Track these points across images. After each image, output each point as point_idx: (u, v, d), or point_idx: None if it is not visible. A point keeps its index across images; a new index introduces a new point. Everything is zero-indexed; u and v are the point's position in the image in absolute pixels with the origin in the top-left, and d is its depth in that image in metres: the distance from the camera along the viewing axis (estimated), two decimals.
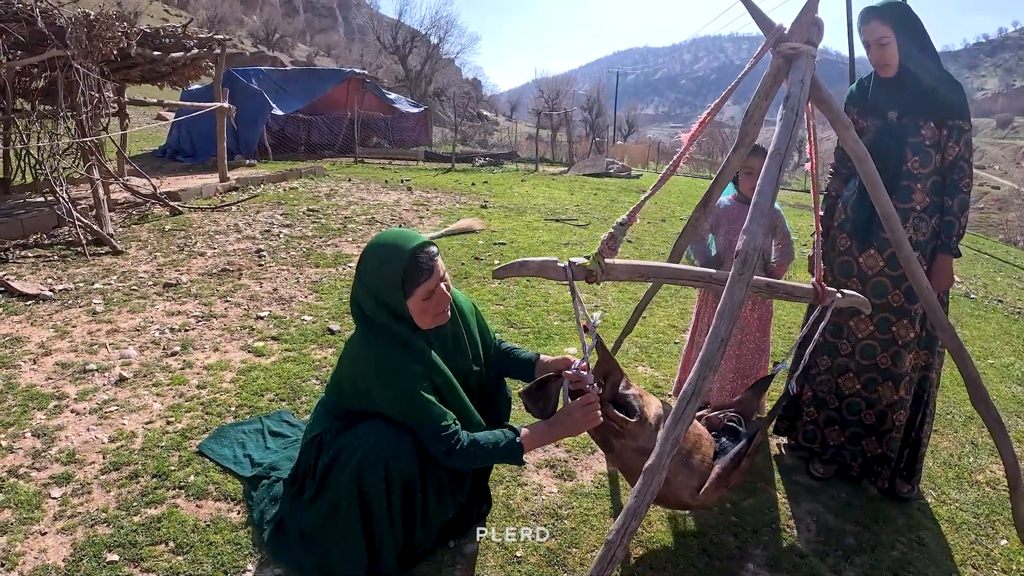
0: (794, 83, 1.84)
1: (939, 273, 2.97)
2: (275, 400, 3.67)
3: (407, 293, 2.17)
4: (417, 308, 2.20)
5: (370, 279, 2.21)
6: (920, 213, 2.97)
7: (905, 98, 2.97)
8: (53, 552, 2.44)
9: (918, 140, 2.96)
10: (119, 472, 2.93)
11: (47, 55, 7.05)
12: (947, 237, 2.95)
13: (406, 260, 2.16)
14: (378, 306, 2.21)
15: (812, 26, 1.97)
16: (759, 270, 3.42)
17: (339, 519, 2.27)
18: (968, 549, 2.87)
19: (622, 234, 2.04)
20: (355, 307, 2.27)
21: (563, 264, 2.01)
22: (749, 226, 1.67)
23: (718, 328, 1.58)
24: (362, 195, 11.22)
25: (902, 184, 2.97)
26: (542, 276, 2.04)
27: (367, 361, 2.23)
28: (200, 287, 5.53)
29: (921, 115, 2.95)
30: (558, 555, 2.60)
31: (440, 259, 2.25)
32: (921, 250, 2.97)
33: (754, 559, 2.67)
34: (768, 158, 1.74)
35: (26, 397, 3.54)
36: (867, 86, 3.15)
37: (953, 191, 2.95)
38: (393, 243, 2.20)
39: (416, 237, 2.22)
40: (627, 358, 4.59)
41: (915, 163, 2.96)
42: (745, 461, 2.36)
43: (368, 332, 2.25)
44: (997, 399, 4.56)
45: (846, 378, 3.18)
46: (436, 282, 2.20)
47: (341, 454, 2.24)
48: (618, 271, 2.07)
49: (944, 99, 2.93)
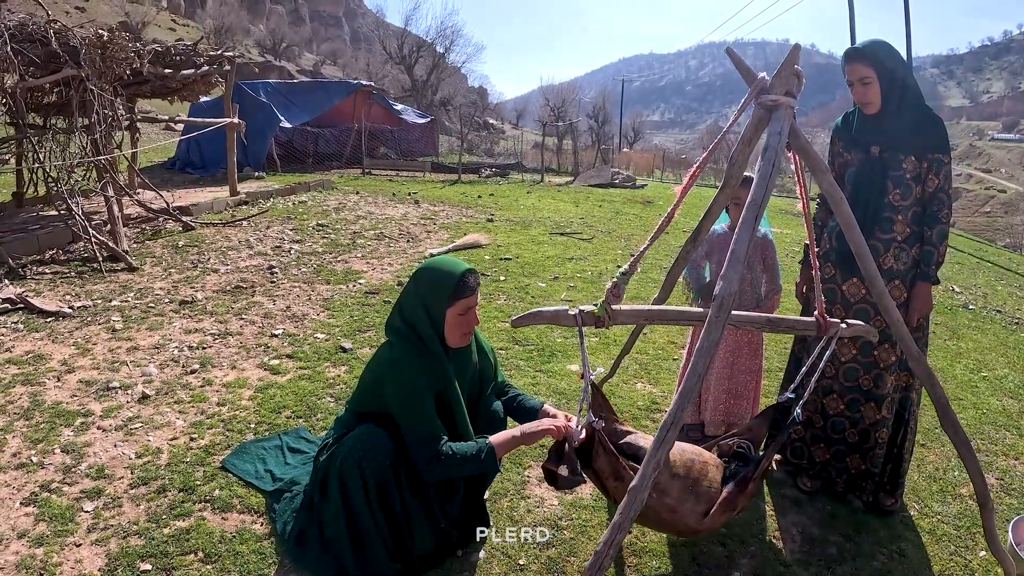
0: (772, 135, 2.02)
1: (918, 299, 3.14)
2: (292, 417, 3.85)
3: (451, 303, 2.51)
4: (453, 320, 2.53)
5: (424, 285, 2.56)
6: (901, 243, 3.12)
7: (887, 134, 3.12)
8: (88, 562, 2.62)
9: (899, 174, 3.10)
10: (147, 487, 3.11)
11: (62, 74, 7.24)
12: (926, 266, 3.10)
13: (459, 275, 2.54)
14: (422, 309, 2.55)
15: (792, 78, 2.14)
16: (752, 302, 3.64)
17: (336, 521, 2.56)
18: (947, 560, 3.03)
19: (624, 283, 2.31)
20: (396, 314, 2.62)
21: (574, 312, 2.26)
22: (727, 272, 1.85)
23: (696, 365, 1.77)
24: (370, 208, 11.42)
25: (884, 215, 3.12)
26: (555, 324, 2.28)
27: (390, 357, 2.56)
28: (215, 304, 5.72)
29: (902, 150, 3.10)
30: (558, 563, 2.79)
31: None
32: (901, 278, 3.13)
33: (741, 568, 2.85)
34: (745, 209, 1.92)
35: (53, 414, 3.72)
36: (852, 120, 3.30)
37: (933, 222, 3.10)
38: (451, 262, 2.60)
39: (463, 264, 2.60)
40: (627, 375, 4.76)
41: (896, 196, 3.11)
42: (752, 485, 2.48)
43: (400, 339, 2.58)
44: (987, 412, 4.71)
45: (830, 399, 3.33)
46: (475, 301, 2.58)
47: (334, 459, 2.54)
48: (623, 316, 2.32)
49: (925, 135, 3.08)
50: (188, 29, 62.18)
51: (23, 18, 7.30)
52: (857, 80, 3.09)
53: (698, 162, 2.33)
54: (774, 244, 3.73)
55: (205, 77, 10.45)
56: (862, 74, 3.07)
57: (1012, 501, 3.57)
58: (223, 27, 55.72)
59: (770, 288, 3.71)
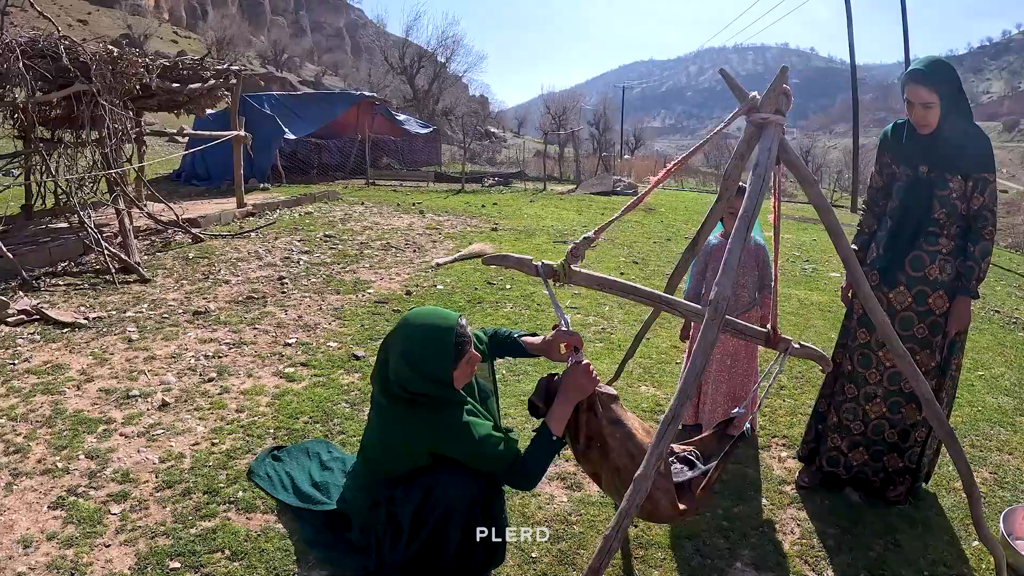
0: (763, 151, 2.17)
1: (957, 313, 3.22)
2: (310, 423, 3.99)
3: (455, 364, 2.46)
4: (460, 373, 2.49)
5: (419, 359, 2.44)
6: (946, 256, 3.21)
7: (937, 155, 3.17)
8: (119, 561, 2.74)
9: (945, 193, 3.17)
10: (172, 490, 3.24)
11: (73, 89, 7.38)
12: (967, 281, 3.17)
13: (453, 335, 2.45)
14: (425, 380, 2.45)
15: (781, 96, 2.29)
16: (747, 303, 3.81)
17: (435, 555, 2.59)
18: (942, 550, 3.15)
19: (585, 246, 2.55)
20: (394, 387, 2.50)
21: (537, 263, 2.56)
22: (720, 279, 2.01)
23: (694, 363, 1.93)
24: (376, 219, 11.59)
25: (929, 230, 3.21)
26: (519, 270, 2.60)
27: (423, 426, 2.49)
28: (228, 315, 5.87)
29: (949, 169, 3.15)
30: (568, 555, 2.94)
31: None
32: (944, 289, 3.22)
33: (742, 559, 3.00)
34: (738, 219, 2.08)
35: (75, 421, 3.84)
36: (901, 134, 3.33)
37: (976, 238, 3.17)
38: (434, 324, 2.49)
39: (448, 313, 2.54)
40: (631, 379, 4.90)
41: (942, 213, 3.19)
42: (698, 492, 2.55)
43: (412, 405, 2.50)
44: (982, 409, 4.83)
45: (873, 404, 3.41)
46: (472, 346, 2.53)
47: (425, 507, 2.53)
48: (579, 276, 2.57)
49: (972, 155, 3.13)
50: (190, 41, 62.59)
51: (35, 34, 7.46)
52: (919, 103, 3.09)
53: (676, 160, 2.48)
54: (766, 249, 3.89)
55: (212, 91, 10.62)
56: (925, 99, 3.07)
57: (1005, 494, 3.69)
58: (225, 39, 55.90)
59: (764, 287, 3.90)
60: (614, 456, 2.44)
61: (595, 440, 2.51)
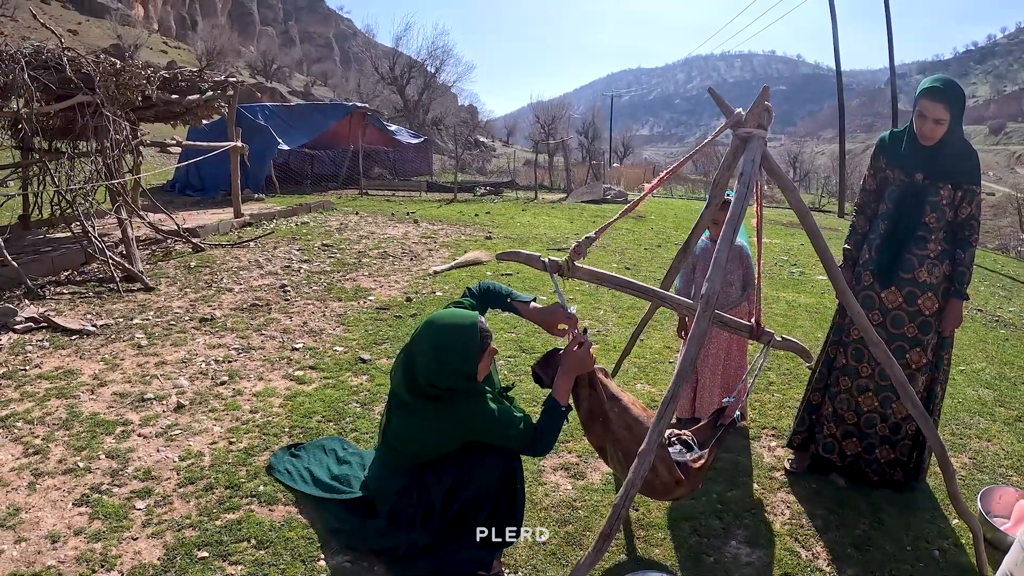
0: (747, 162, 2.40)
1: (950, 315, 3.46)
2: (323, 421, 4.16)
3: (480, 357, 2.70)
4: (482, 365, 2.73)
5: (451, 356, 2.67)
6: (934, 260, 3.42)
7: (935, 165, 3.39)
8: (147, 553, 2.87)
9: (936, 200, 3.40)
10: (194, 485, 3.39)
11: (76, 100, 7.52)
12: (959, 284, 3.42)
13: (478, 332, 2.69)
14: (454, 375, 2.69)
15: (763, 112, 2.53)
16: (733, 300, 4.07)
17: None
18: (923, 527, 3.37)
19: (587, 245, 2.77)
20: (423, 385, 2.72)
21: (545, 260, 2.81)
22: (711, 275, 2.25)
23: (689, 350, 2.16)
24: (371, 228, 11.79)
25: (918, 234, 3.43)
26: (528, 264, 2.87)
27: (456, 418, 2.74)
28: (235, 321, 6.02)
29: (941, 179, 3.38)
30: (575, 537, 3.15)
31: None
32: (933, 291, 3.44)
33: (737, 537, 3.22)
34: (725, 224, 2.31)
35: (92, 424, 3.96)
36: (901, 140, 3.51)
37: (964, 245, 3.42)
38: (459, 323, 2.72)
39: (468, 313, 2.78)
40: (627, 377, 5.09)
41: (932, 218, 3.41)
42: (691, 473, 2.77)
43: (442, 401, 2.74)
44: (963, 401, 5.05)
45: (865, 396, 3.62)
46: (491, 341, 2.77)
47: (456, 488, 2.81)
48: (581, 272, 2.82)
49: (963, 167, 3.37)
50: (180, 52, 62.72)
51: (38, 46, 7.60)
52: (932, 118, 3.26)
53: (669, 169, 2.70)
54: (748, 251, 4.18)
55: (208, 102, 10.76)
56: (939, 116, 3.24)
57: (983, 477, 3.92)
58: (215, 49, 56.08)
59: (747, 283, 4.15)
60: (614, 427, 2.71)
61: (597, 414, 2.77)
